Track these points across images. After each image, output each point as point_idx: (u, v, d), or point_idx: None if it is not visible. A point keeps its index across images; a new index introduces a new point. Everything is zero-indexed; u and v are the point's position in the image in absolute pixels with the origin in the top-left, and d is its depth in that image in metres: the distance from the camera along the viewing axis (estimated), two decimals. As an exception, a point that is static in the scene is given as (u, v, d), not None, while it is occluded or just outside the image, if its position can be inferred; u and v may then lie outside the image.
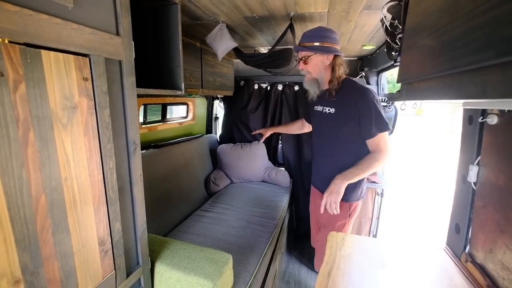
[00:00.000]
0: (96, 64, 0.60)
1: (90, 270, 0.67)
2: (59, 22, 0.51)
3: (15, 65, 0.45)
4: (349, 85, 1.29)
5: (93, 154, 0.64)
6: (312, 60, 1.27)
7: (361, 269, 0.95)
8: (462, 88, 0.40)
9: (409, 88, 0.65)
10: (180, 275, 0.89)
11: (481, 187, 0.89)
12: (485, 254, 0.85)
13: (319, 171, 1.51)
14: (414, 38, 0.59)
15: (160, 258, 0.95)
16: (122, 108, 0.72)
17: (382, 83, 2.29)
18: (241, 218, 1.76)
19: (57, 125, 0.54)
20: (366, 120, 1.21)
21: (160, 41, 1.06)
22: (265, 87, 2.53)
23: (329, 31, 1.22)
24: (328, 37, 1.21)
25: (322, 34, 1.21)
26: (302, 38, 1.26)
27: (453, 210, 1.06)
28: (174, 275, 0.91)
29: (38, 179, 0.51)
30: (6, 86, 0.44)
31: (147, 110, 2.00)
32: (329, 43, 1.22)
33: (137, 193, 0.81)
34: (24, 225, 0.50)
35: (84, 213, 0.63)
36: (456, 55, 0.39)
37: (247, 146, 2.45)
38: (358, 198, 1.40)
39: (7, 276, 0.48)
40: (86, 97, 0.60)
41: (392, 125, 1.84)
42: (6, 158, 0.45)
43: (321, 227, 1.56)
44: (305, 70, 1.31)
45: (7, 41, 0.43)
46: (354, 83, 1.30)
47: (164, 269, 0.92)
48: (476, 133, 0.90)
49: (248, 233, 1.59)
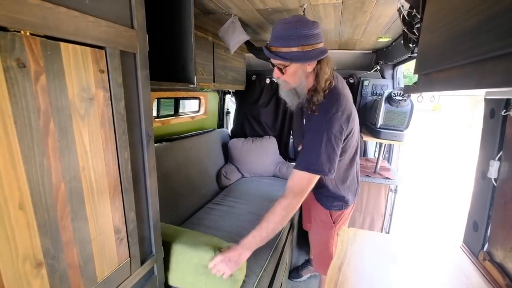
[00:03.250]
0: (111, 56, 0.62)
1: (106, 257, 0.69)
2: (77, 15, 0.52)
3: (36, 57, 0.47)
4: (329, 99, 1.02)
5: (109, 145, 0.66)
6: (290, 68, 0.98)
7: (373, 265, 0.94)
8: (484, 77, 0.38)
9: (427, 79, 0.62)
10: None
11: (502, 183, 0.85)
12: (505, 253, 0.82)
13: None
14: (433, 27, 0.57)
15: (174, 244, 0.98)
16: (136, 101, 0.74)
17: (398, 77, 2.22)
18: (252, 212, 1.78)
19: (75, 116, 0.55)
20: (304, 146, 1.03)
21: (173, 35, 1.07)
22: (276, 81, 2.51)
23: (308, 26, 0.92)
24: (309, 37, 0.91)
25: (300, 33, 0.90)
26: (274, 40, 0.95)
27: (471, 207, 1.02)
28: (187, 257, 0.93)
29: (58, 167, 0.53)
30: (28, 77, 0.46)
31: (160, 104, 2.03)
32: (311, 45, 0.92)
33: (150, 184, 0.83)
34: (46, 212, 0.52)
35: (101, 202, 0.65)
36: (479, 42, 0.38)
37: (258, 141, 2.45)
38: (340, 208, 1.32)
39: (30, 259, 0.50)
40: (102, 89, 0.61)
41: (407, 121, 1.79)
42: (29, 147, 0.48)
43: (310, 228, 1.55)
44: (281, 79, 1.03)
45: (29, 33, 0.45)
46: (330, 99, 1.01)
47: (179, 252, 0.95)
48: (498, 127, 0.86)
49: (258, 226, 1.60)
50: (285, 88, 1.07)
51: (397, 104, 1.72)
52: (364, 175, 1.90)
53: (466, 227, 1.04)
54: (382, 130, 1.79)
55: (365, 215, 2.06)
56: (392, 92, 1.71)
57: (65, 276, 0.58)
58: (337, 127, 0.99)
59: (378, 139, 1.84)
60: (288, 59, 0.94)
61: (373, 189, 1.98)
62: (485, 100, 0.92)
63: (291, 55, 0.93)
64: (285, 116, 2.55)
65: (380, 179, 1.90)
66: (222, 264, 0.94)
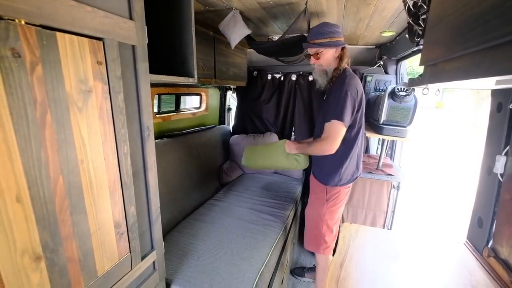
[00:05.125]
0: (109, 48, 0.61)
1: (106, 251, 0.69)
2: (73, 4, 0.51)
3: (31, 46, 0.45)
4: (343, 74, 1.38)
5: (108, 139, 0.65)
6: (324, 54, 1.38)
7: (375, 261, 0.93)
8: (494, 65, 0.37)
9: (433, 70, 0.60)
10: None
11: (509, 178, 0.83)
12: (510, 249, 0.80)
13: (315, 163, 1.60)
14: (442, 15, 0.55)
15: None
16: (135, 94, 0.73)
17: (402, 72, 2.19)
18: (253, 208, 1.77)
19: (72, 108, 0.55)
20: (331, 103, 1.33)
21: (173, 28, 1.05)
22: (278, 77, 2.49)
23: (335, 26, 1.34)
24: (335, 32, 1.33)
25: (330, 30, 1.32)
26: (312, 35, 1.36)
27: (476, 203, 1.00)
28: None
29: (56, 160, 0.53)
30: (23, 67, 0.45)
31: (161, 101, 2.02)
32: (337, 37, 1.33)
33: (151, 179, 0.82)
34: (44, 205, 0.52)
35: (100, 196, 0.65)
36: (489, 27, 0.36)
37: (260, 137, 2.44)
38: (336, 184, 1.45)
39: (28, 252, 0.50)
40: (101, 81, 0.60)
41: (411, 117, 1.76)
42: (25, 139, 0.47)
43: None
44: (317, 64, 1.42)
45: (24, 22, 0.44)
46: (346, 73, 1.38)
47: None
48: (506, 120, 0.84)
49: (260, 222, 1.60)
50: (319, 70, 1.44)
51: (400, 100, 1.69)
52: (367, 172, 1.88)
53: (471, 223, 1.02)
54: (385, 126, 1.76)
55: (367, 212, 2.05)
56: (395, 87, 1.69)
57: (65, 270, 0.58)
58: (354, 89, 1.31)
59: (381, 135, 1.81)
60: (322, 46, 1.34)
61: (375, 185, 1.97)
62: (492, 93, 0.90)
63: (325, 43, 1.33)
64: (287, 112, 2.53)
65: (382, 176, 1.88)
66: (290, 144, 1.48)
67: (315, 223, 1.55)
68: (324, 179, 1.49)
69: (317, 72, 1.46)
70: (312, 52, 1.39)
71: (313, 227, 1.57)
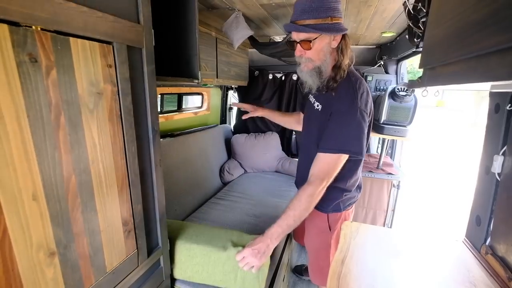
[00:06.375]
0: (119, 51, 0.63)
1: (115, 248, 0.71)
2: (85, 10, 0.53)
3: (47, 51, 0.47)
4: (349, 80, 1.00)
5: (117, 139, 0.67)
6: (316, 43, 0.93)
7: (375, 258, 0.95)
8: (489, 71, 0.39)
9: (432, 73, 0.62)
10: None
11: (506, 178, 0.85)
12: (507, 246, 0.83)
13: (297, 172, 1.33)
14: (440, 20, 0.57)
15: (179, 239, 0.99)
16: (143, 95, 0.75)
17: (402, 72, 2.21)
18: (254, 207, 1.79)
19: (84, 110, 0.57)
20: (332, 127, 0.97)
21: (177, 30, 1.07)
22: (279, 77, 2.51)
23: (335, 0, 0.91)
24: (336, 10, 0.89)
25: (329, 5, 0.88)
26: (301, 14, 0.90)
27: (474, 202, 1.03)
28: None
29: (68, 160, 0.55)
30: (39, 72, 0.47)
31: (163, 100, 2.04)
32: (338, 18, 0.90)
33: (157, 178, 0.85)
34: (57, 203, 0.54)
35: (109, 195, 0.67)
36: (485, 35, 0.38)
37: (261, 137, 2.46)
38: (337, 210, 1.18)
39: (43, 248, 0.52)
40: (110, 84, 0.62)
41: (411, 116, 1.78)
42: (41, 140, 0.49)
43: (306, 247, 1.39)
44: (305, 57, 0.97)
45: (40, 28, 0.46)
46: (351, 78, 1.00)
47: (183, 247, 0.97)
48: (503, 121, 0.86)
49: (261, 221, 1.62)
50: (307, 67, 0.99)
51: (400, 100, 1.71)
52: (367, 171, 1.91)
53: (469, 222, 1.04)
54: (385, 126, 1.79)
55: (367, 211, 2.07)
56: (396, 87, 1.71)
57: (76, 265, 0.60)
58: (367, 105, 0.97)
59: (381, 134, 1.84)
60: (318, 30, 0.89)
61: (376, 184, 1.99)
62: (490, 94, 0.92)
63: (322, 26, 0.89)
64: (288, 112, 2.55)
65: (382, 175, 1.91)
66: (251, 257, 0.91)
67: (319, 253, 1.28)
68: (324, 207, 1.17)
69: (304, 69, 1.00)
70: (300, 39, 0.94)
71: (318, 258, 1.30)
